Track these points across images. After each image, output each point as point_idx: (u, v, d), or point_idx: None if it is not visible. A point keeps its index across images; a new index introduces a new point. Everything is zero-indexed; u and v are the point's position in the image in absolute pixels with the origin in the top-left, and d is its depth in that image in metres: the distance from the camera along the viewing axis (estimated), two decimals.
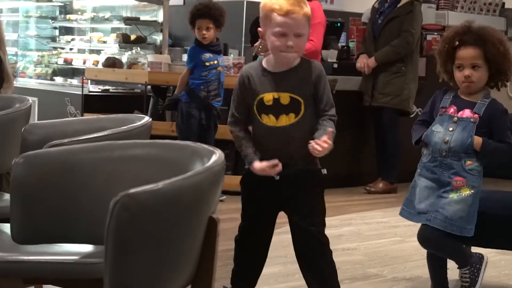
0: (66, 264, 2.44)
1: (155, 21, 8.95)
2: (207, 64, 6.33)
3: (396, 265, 4.68)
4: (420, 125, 3.77)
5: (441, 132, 3.62)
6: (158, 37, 8.90)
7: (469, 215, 3.62)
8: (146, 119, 3.05)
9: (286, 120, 3.27)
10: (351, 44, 8.20)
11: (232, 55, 7.59)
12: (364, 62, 7.40)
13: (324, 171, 3.41)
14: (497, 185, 4.77)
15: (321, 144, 3.13)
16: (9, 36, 9.51)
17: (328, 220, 6.05)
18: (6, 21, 9.67)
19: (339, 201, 6.77)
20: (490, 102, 3.62)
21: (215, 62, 6.38)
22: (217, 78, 6.39)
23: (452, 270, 3.91)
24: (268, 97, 3.28)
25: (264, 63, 3.35)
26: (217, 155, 2.25)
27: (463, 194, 3.60)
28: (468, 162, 3.60)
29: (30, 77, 9.61)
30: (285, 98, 3.27)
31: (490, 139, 3.61)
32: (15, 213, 2.46)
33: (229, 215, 5.89)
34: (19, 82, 9.07)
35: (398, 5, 7.35)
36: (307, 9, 3.22)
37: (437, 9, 8.88)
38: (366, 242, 5.31)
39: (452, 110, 3.64)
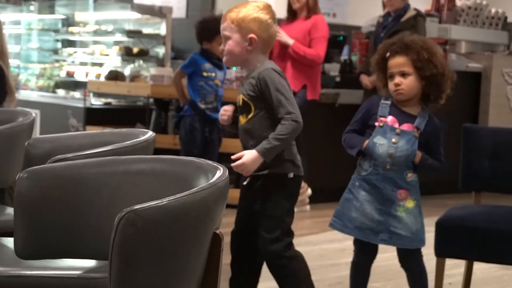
0: (70, 279, 2.43)
1: (157, 34, 8.96)
2: (204, 74, 6.35)
3: (399, 280, 4.66)
4: (353, 135, 3.76)
5: (384, 145, 3.62)
6: (160, 50, 8.91)
7: (421, 226, 3.66)
8: (150, 133, 3.04)
9: (242, 120, 3.49)
10: (353, 58, 8.21)
11: (234, 68, 7.59)
12: (365, 84, 7.43)
13: (291, 174, 3.48)
14: (500, 200, 4.76)
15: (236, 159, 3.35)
16: (11, 48, 9.48)
17: (330, 234, 6.04)
18: (8, 34, 9.65)
19: None
20: (429, 119, 3.65)
21: (213, 74, 6.39)
22: (215, 90, 6.41)
23: None
24: (238, 97, 3.52)
25: None
26: (221, 171, 2.25)
27: (409, 208, 3.62)
28: (409, 175, 3.63)
29: (32, 90, 9.60)
30: (240, 100, 3.50)
31: (427, 154, 3.64)
32: (19, 228, 2.45)
33: (231, 229, 5.89)
34: (21, 94, 9.07)
35: (402, 19, 7.34)
36: (234, 14, 3.42)
37: (440, 22, 8.88)
38: None
39: (391, 121, 3.65)
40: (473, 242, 3.81)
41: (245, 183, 3.52)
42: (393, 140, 3.61)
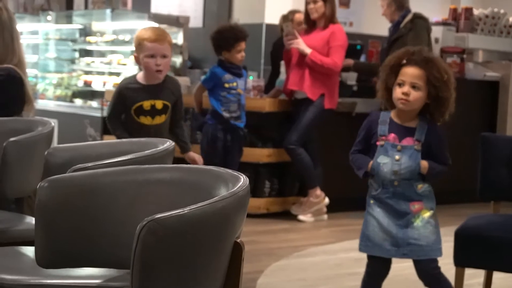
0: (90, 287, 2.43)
1: (174, 43, 8.97)
2: (226, 85, 6.37)
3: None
4: (358, 155, 3.76)
5: (388, 164, 3.63)
6: (177, 60, 8.93)
7: (438, 235, 3.67)
8: (169, 143, 3.04)
9: (159, 119, 4.59)
10: None
11: (251, 78, 7.60)
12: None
13: None
14: None
15: None
16: (29, 58, 9.56)
17: (347, 243, 6.04)
18: (26, 44, 9.71)
19: (357, 224, 6.73)
20: (429, 128, 3.66)
21: (234, 84, 6.41)
22: (237, 99, 6.42)
23: None
24: (147, 103, 4.56)
25: (138, 78, 4.68)
26: (241, 180, 2.25)
27: (426, 218, 3.63)
28: (419, 186, 3.65)
29: (50, 99, 9.65)
30: (159, 104, 4.59)
31: (430, 158, 3.65)
32: (40, 237, 2.46)
33: (248, 238, 5.90)
34: (39, 104, 9.12)
35: (401, 26, 7.35)
36: (169, 37, 4.62)
37: (457, 31, 8.87)
38: None
39: (392, 138, 3.65)
40: (491, 251, 3.80)
41: None
42: (396, 157, 3.62)
